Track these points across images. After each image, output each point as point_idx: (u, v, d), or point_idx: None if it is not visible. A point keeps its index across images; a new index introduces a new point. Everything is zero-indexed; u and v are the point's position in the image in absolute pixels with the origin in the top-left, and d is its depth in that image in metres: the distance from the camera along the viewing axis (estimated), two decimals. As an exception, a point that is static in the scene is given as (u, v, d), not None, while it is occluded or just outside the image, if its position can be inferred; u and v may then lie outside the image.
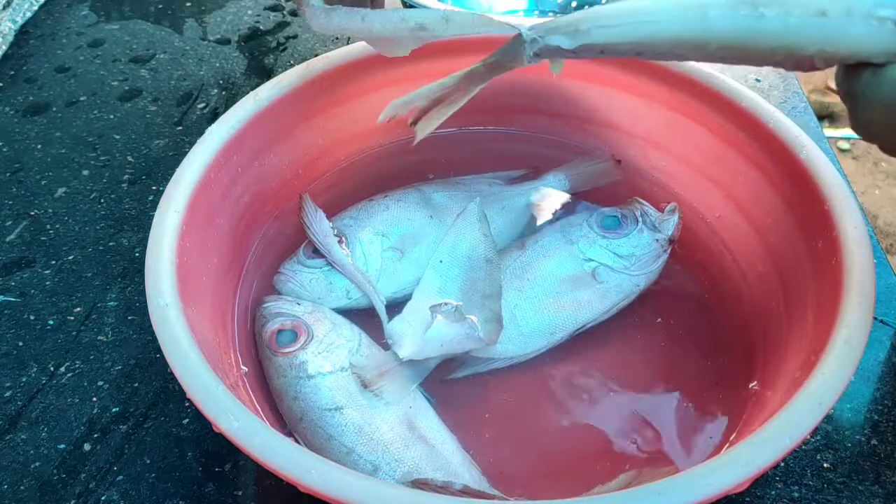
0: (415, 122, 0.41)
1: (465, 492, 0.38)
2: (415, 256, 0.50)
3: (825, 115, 1.84)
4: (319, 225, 0.50)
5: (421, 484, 0.39)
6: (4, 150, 0.66)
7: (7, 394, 0.49)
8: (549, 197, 0.54)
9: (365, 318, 0.48)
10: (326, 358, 0.44)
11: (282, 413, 0.43)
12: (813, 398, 0.34)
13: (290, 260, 0.50)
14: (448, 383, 0.45)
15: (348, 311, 0.49)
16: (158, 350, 0.36)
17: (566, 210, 0.54)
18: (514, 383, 0.46)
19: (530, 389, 0.46)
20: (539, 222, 0.53)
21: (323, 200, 0.54)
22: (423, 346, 0.44)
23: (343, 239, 0.50)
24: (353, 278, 0.48)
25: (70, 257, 0.57)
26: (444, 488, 0.38)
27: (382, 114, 0.41)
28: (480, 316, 0.45)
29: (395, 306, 0.48)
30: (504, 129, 0.59)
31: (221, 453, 0.45)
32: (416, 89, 0.40)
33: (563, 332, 0.47)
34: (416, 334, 0.45)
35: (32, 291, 0.55)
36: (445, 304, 0.45)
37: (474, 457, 0.42)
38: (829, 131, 1.82)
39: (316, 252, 0.49)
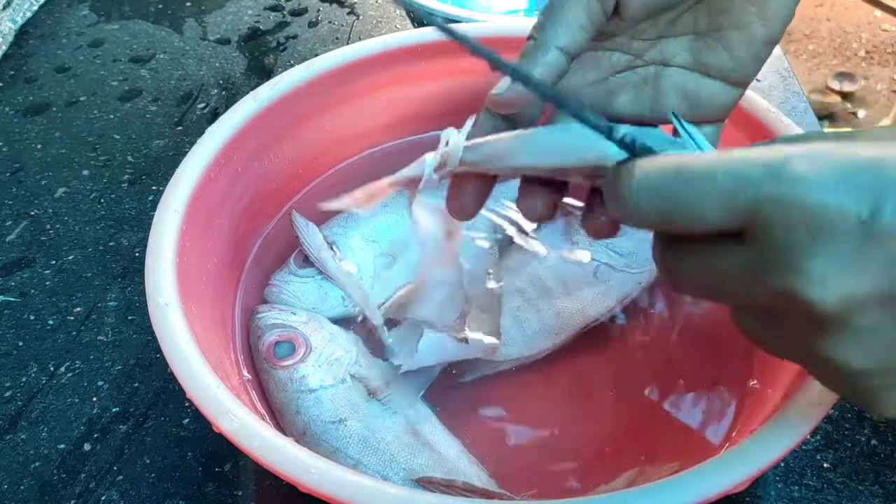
0: None
1: (469, 489, 0.38)
2: (406, 261, 0.50)
3: (825, 116, 1.84)
4: (313, 239, 0.49)
5: (425, 482, 0.38)
6: (4, 150, 0.66)
7: (7, 394, 0.49)
8: None
9: (361, 325, 0.48)
10: (327, 370, 0.43)
11: (283, 428, 0.43)
12: (813, 398, 0.34)
13: (281, 271, 0.49)
14: (449, 386, 0.45)
15: (344, 319, 0.48)
16: (158, 350, 0.36)
17: None
18: (515, 384, 0.46)
19: (532, 390, 0.46)
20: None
21: (323, 201, 0.54)
22: (419, 356, 0.43)
23: (336, 251, 0.49)
24: (349, 292, 0.48)
25: (70, 257, 0.57)
26: (448, 486, 0.38)
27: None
28: (480, 329, 0.45)
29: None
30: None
31: (221, 453, 0.45)
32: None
33: (567, 332, 0.47)
34: (415, 346, 0.44)
35: (32, 291, 0.55)
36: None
37: (479, 459, 0.42)
38: (830, 131, 1.82)
39: (307, 261, 0.49)
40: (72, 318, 0.53)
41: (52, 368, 0.50)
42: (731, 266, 0.25)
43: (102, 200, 0.61)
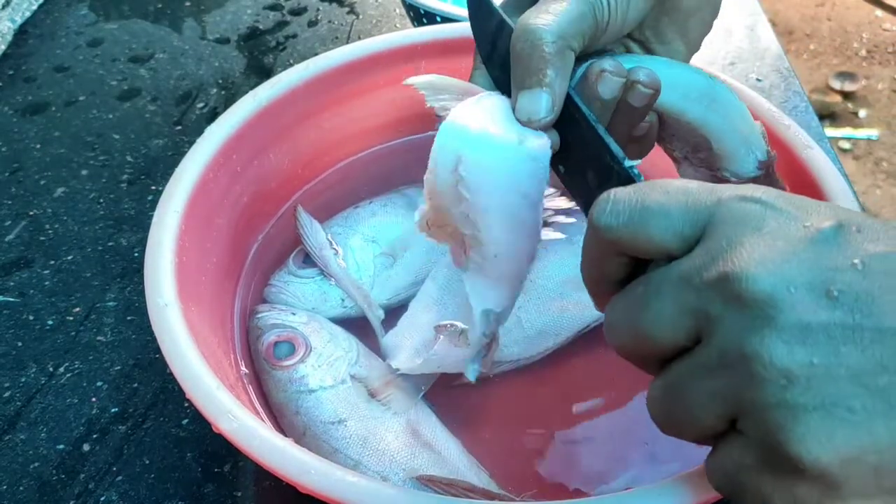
0: None
1: (469, 489, 0.38)
2: (406, 261, 0.50)
3: (826, 115, 1.84)
4: (315, 237, 0.49)
5: (425, 480, 0.38)
6: (3, 149, 0.66)
7: (6, 394, 0.49)
8: None
9: (361, 326, 0.48)
10: (327, 371, 0.43)
11: (283, 428, 0.43)
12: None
13: (281, 270, 0.49)
14: (450, 386, 0.45)
15: (344, 320, 0.48)
16: (158, 350, 0.36)
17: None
18: (515, 384, 0.46)
19: (532, 390, 0.46)
20: None
21: (322, 201, 0.54)
22: (420, 363, 0.43)
23: (338, 250, 0.49)
24: (349, 292, 0.48)
25: (69, 257, 0.57)
26: (449, 485, 0.38)
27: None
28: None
29: (391, 313, 0.48)
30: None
31: (221, 454, 0.45)
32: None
33: (568, 332, 0.47)
34: (412, 348, 0.44)
35: (31, 291, 0.55)
36: (449, 325, 0.44)
37: (479, 459, 0.42)
38: (830, 131, 1.82)
39: (306, 261, 0.49)
40: (71, 318, 0.53)
41: (51, 369, 0.50)
42: (670, 275, 0.26)
43: (101, 200, 0.61)
